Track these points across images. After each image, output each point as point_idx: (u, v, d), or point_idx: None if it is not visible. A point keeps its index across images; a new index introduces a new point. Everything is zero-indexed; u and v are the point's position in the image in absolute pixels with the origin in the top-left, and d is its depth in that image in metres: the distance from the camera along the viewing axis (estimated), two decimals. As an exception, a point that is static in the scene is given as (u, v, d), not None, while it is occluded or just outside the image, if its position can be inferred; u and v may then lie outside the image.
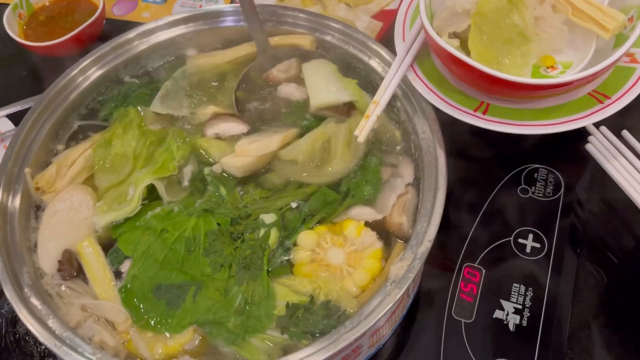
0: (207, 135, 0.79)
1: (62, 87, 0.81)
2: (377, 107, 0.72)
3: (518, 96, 0.69)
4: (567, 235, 0.81)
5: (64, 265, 0.70)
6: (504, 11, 0.67)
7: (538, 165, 0.88)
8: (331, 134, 0.74)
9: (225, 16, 0.86)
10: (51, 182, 0.75)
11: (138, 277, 0.68)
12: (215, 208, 0.73)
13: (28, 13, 1.10)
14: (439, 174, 0.67)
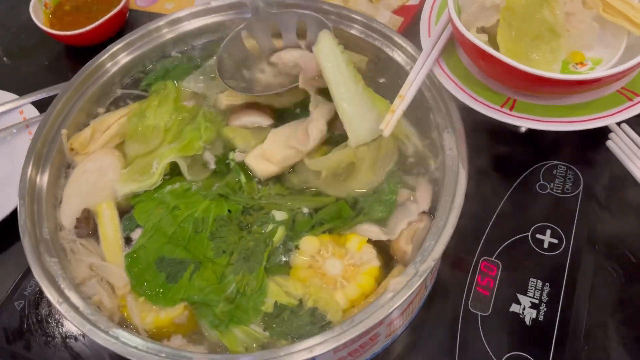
0: (232, 125, 0.80)
1: (107, 57, 0.84)
2: (403, 101, 0.71)
3: (546, 92, 0.68)
4: (586, 232, 0.81)
5: (81, 223, 0.73)
6: (534, 6, 0.66)
7: (557, 162, 0.88)
8: (360, 157, 0.73)
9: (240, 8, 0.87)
10: (85, 144, 0.79)
11: (145, 247, 0.71)
12: (231, 194, 0.74)
13: (54, 3, 1.12)
14: (457, 193, 0.66)
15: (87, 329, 0.60)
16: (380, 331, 0.67)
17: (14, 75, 1.12)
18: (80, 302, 0.63)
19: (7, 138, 0.97)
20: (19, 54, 1.17)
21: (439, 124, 0.73)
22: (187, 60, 0.88)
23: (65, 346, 0.77)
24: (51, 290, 0.63)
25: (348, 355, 0.66)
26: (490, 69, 0.68)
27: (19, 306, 0.81)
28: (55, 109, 0.78)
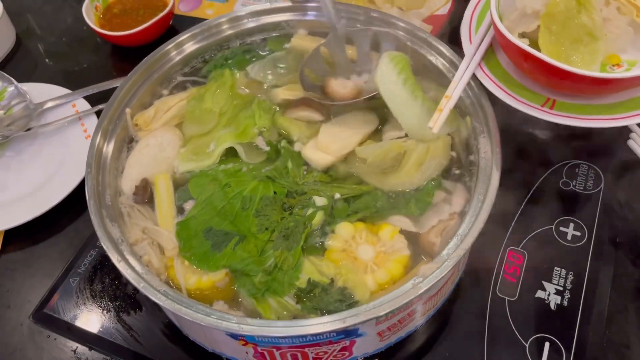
0: (287, 115, 0.87)
1: (173, 46, 0.92)
2: (450, 100, 0.77)
3: (587, 91, 0.72)
4: (607, 226, 0.87)
5: (139, 190, 0.80)
6: (573, 12, 0.71)
7: (579, 161, 0.93)
8: (407, 150, 0.78)
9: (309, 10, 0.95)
10: (148, 121, 0.87)
11: (196, 217, 0.77)
12: (277, 178, 0.80)
13: (103, 5, 1.19)
14: (489, 192, 0.70)
15: (142, 286, 0.66)
16: (417, 308, 0.72)
17: (63, 73, 1.20)
18: (137, 263, 0.70)
19: (60, 129, 1.04)
20: (66, 53, 1.24)
21: (476, 127, 0.78)
22: (244, 52, 0.94)
23: (118, 319, 0.83)
24: (111, 250, 0.70)
25: (387, 330, 0.71)
26: (533, 70, 0.73)
27: (73, 282, 0.87)
28: (122, 90, 0.86)
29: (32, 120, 1.04)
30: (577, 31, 0.72)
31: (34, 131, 1.03)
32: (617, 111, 0.71)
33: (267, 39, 0.96)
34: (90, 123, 1.03)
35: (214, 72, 0.93)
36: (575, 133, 0.96)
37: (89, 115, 1.04)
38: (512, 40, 0.68)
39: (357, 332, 0.68)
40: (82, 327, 0.83)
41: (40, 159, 1.01)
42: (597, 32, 0.71)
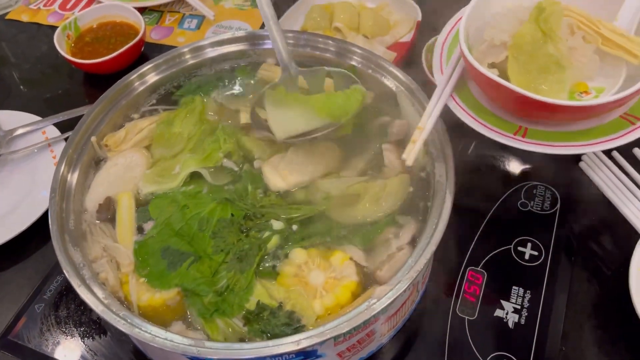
0: (251, 134, 0.90)
1: (136, 77, 0.95)
2: (423, 132, 0.78)
3: (556, 119, 0.74)
4: (563, 245, 0.89)
5: (103, 208, 0.83)
6: (539, 43, 0.73)
7: (537, 183, 0.96)
8: (368, 189, 0.81)
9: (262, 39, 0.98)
10: (118, 142, 0.90)
11: (154, 237, 0.79)
12: (236, 200, 0.82)
13: (75, 34, 1.22)
14: (442, 216, 0.72)
15: (100, 310, 0.68)
16: (376, 328, 0.73)
17: (36, 100, 1.22)
18: (97, 288, 0.71)
19: (29, 156, 1.06)
20: (39, 80, 1.26)
21: (432, 153, 0.81)
22: (216, 79, 0.98)
23: (84, 345, 0.84)
24: (72, 275, 0.71)
25: (347, 350, 0.72)
26: (503, 100, 0.74)
27: (39, 309, 0.87)
28: (87, 120, 0.88)
29: (2, 147, 1.05)
30: (544, 61, 0.74)
31: (3, 158, 1.05)
32: (588, 137, 0.73)
33: (236, 67, 0.99)
34: (59, 149, 1.05)
35: (185, 97, 0.96)
36: (532, 155, 1.00)
37: (59, 142, 1.06)
38: (481, 71, 0.70)
39: (316, 354, 0.69)
40: (47, 354, 0.84)
41: (9, 185, 1.02)
42: (564, 62, 0.73)
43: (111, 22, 1.24)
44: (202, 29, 1.29)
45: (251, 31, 0.98)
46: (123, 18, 1.24)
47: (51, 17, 1.34)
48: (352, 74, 0.89)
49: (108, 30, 1.24)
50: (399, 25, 1.21)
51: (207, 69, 0.98)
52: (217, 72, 0.99)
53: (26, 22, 1.35)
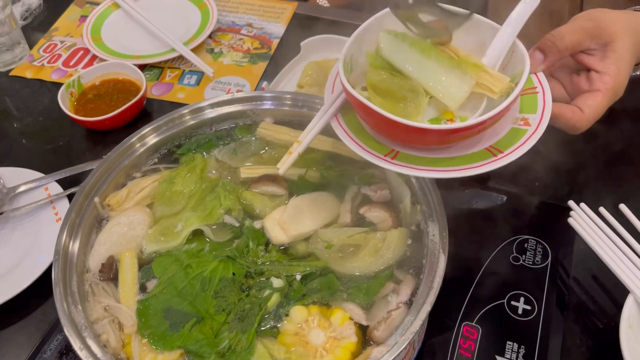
0: (251, 189, 0.93)
1: (137, 139, 0.98)
2: (300, 145, 0.83)
3: (417, 142, 0.77)
4: (555, 299, 0.91)
5: (105, 268, 0.84)
6: (388, 78, 0.78)
7: (528, 237, 0.99)
8: (368, 240, 0.84)
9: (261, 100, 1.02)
10: (120, 202, 0.92)
11: (157, 297, 0.81)
12: (238, 257, 0.84)
13: (78, 91, 1.26)
14: (436, 276, 0.75)
15: None
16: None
17: (38, 155, 1.24)
18: (99, 350, 0.72)
19: (32, 213, 1.07)
20: (41, 135, 1.29)
21: (425, 212, 0.84)
22: (216, 138, 1.01)
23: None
24: (74, 338, 0.73)
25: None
26: (370, 120, 0.78)
27: (39, 368, 0.88)
28: (89, 183, 0.90)
29: (5, 204, 1.07)
30: (399, 90, 0.78)
31: (5, 215, 1.06)
32: (451, 164, 0.76)
33: (236, 126, 1.03)
34: (61, 206, 1.07)
35: (185, 156, 0.99)
36: (523, 210, 1.03)
37: (61, 199, 1.08)
38: (349, 90, 0.74)
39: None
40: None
41: (11, 243, 1.03)
42: (417, 88, 0.78)
43: (113, 80, 1.29)
44: (201, 84, 1.33)
45: (249, 93, 1.02)
46: (125, 75, 1.28)
47: (54, 73, 1.38)
48: None
49: (110, 87, 1.28)
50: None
51: (207, 128, 1.02)
52: (217, 131, 1.02)
53: (30, 78, 1.39)
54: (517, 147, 0.75)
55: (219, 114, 1.01)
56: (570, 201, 0.94)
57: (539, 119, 0.77)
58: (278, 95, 1.01)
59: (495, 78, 0.77)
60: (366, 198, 0.91)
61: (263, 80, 1.31)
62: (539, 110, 0.79)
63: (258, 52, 1.40)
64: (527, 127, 0.77)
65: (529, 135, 0.76)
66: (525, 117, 0.79)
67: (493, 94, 0.76)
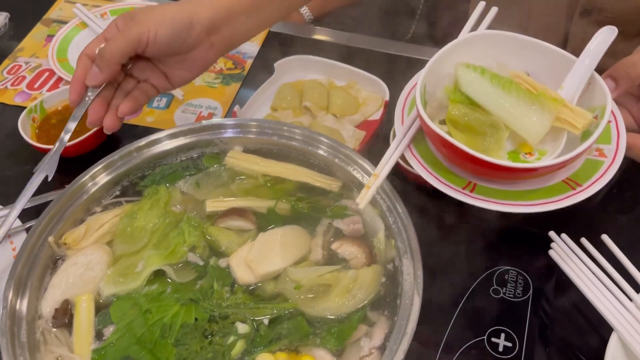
0: (217, 225, 0.88)
1: (88, 178, 0.93)
2: (378, 179, 0.81)
3: (496, 177, 0.77)
4: (537, 334, 0.87)
5: (59, 313, 0.78)
6: (469, 112, 0.78)
7: (508, 267, 0.95)
8: (340, 279, 0.80)
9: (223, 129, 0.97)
10: (78, 240, 0.86)
11: (114, 345, 0.76)
12: (201, 300, 0.79)
13: (41, 117, 1.20)
14: (410, 320, 0.72)
15: None
16: None
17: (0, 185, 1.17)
18: None
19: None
20: (3, 165, 1.22)
21: (400, 248, 0.80)
22: (182, 168, 0.96)
23: None
24: None
25: None
26: (450, 155, 0.78)
27: None
28: (41, 224, 0.85)
29: (-40, 239, 1.01)
30: (479, 126, 0.78)
31: (-41, 251, 1.00)
32: (531, 197, 0.76)
33: (203, 155, 0.98)
34: (19, 240, 1.01)
35: (149, 188, 0.94)
36: (503, 239, 0.99)
37: (19, 233, 1.02)
38: (430, 126, 0.73)
39: None
40: None
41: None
42: (497, 123, 0.78)
43: (78, 104, 1.23)
44: (171, 107, 1.28)
45: (210, 121, 0.97)
46: (90, 99, 1.23)
47: (18, 97, 1.33)
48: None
49: (75, 112, 1.22)
50: (367, 103, 1.22)
51: (172, 157, 0.97)
52: (183, 160, 0.97)
53: (-8, 101, 1.33)
54: (596, 179, 0.75)
55: (182, 144, 0.96)
56: (551, 232, 0.90)
57: (615, 150, 0.77)
58: (243, 122, 0.97)
59: (576, 113, 0.75)
60: (339, 232, 0.87)
61: (235, 103, 1.27)
62: (613, 140, 0.78)
63: (231, 72, 1.36)
64: (604, 159, 0.77)
65: (607, 167, 0.76)
66: (600, 147, 0.78)
67: (575, 130, 0.75)
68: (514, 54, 0.83)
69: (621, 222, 1.01)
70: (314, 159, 0.95)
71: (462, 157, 0.74)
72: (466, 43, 0.83)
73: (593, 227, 0.92)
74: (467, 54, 0.82)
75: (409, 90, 0.92)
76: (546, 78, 0.82)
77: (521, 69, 0.83)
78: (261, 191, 0.93)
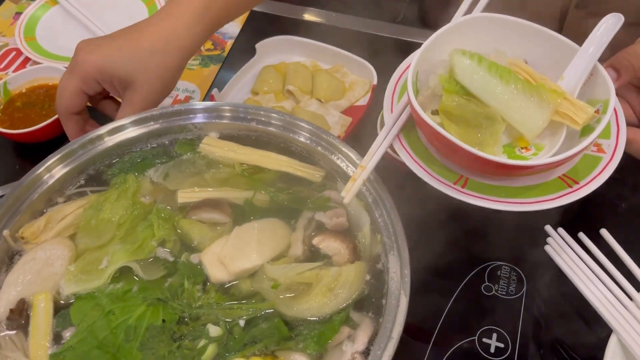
0: (189, 217, 0.81)
1: (44, 170, 0.84)
2: (364, 171, 0.77)
3: (489, 172, 0.73)
4: (531, 335, 0.82)
5: (14, 315, 0.72)
6: (464, 103, 0.72)
7: (501, 263, 0.90)
8: (321, 277, 0.73)
9: (193, 113, 0.90)
10: (37, 233, 0.79)
11: (74, 349, 0.69)
12: (170, 300, 0.73)
13: (5, 99, 1.12)
14: (396, 322, 0.66)
15: None
16: None
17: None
18: None
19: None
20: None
21: (386, 243, 0.74)
22: (153, 155, 0.89)
23: None
24: None
25: None
26: (442, 148, 0.73)
27: None
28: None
29: None
30: (474, 118, 0.73)
31: None
32: (526, 195, 0.72)
33: (176, 141, 0.91)
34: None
35: (116, 177, 0.86)
36: (496, 233, 0.94)
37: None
38: (422, 117, 0.68)
39: None
40: None
41: None
42: (493, 115, 0.73)
43: (44, 85, 1.15)
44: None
45: (177, 106, 0.90)
46: (56, 81, 1.15)
47: (-18, 78, 1.24)
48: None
49: (41, 94, 1.14)
50: (354, 87, 1.16)
51: (143, 144, 0.90)
52: (154, 147, 0.90)
53: (-45, 83, 1.24)
54: (594, 177, 0.71)
55: (152, 130, 0.89)
56: (547, 226, 0.85)
57: (614, 146, 0.73)
58: (215, 106, 0.89)
59: (577, 107, 0.70)
60: (321, 225, 0.81)
61: (214, 86, 1.19)
62: (612, 135, 0.74)
63: (210, 53, 1.28)
64: (602, 155, 0.73)
65: (605, 163, 0.72)
66: (598, 142, 0.74)
67: (576, 125, 0.70)
68: (512, 40, 0.77)
69: (621, 215, 0.96)
70: (295, 146, 0.89)
71: (455, 152, 0.68)
72: (462, 26, 0.77)
73: (591, 221, 0.87)
74: (463, 39, 0.75)
75: (399, 75, 0.85)
76: (545, 67, 0.76)
77: (519, 56, 0.77)
78: (238, 181, 0.86)
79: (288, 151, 0.89)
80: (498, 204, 0.72)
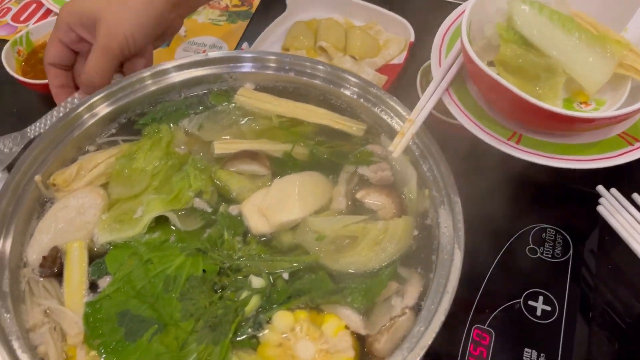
0: (227, 168, 0.78)
1: (85, 109, 0.81)
2: (413, 125, 0.74)
3: (547, 127, 0.70)
4: (578, 299, 0.80)
5: (47, 262, 0.69)
6: (522, 54, 0.69)
7: (546, 225, 0.87)
8: (368, 231, 0.70)
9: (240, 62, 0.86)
10: (68, 181, 0.76)
11: (110, 298, 0.67)
12: (210, 250, 0.70)
13: (27, 50, 1.08)
14: (451, 277, 0.63)
15: None
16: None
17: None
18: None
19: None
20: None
21: (435, 198, 0.71)
22: (187, 106, 0.85)
23: None
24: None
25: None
26: (499, 100, 0.70)
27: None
28: (28, 159, 0.74)
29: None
30: (533, 69, 0.70)
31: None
32: (583, 152, 0.69)
33: (210, 92, 0.87)
34: (1, 183, 0.90)
35: (149, 126, 0.83)
36: (541, 194, 0.90)
37: (1, 174, 0.92)
38: (480, 67, 0.65)
39: None
40: None
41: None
42: (554, 66, 0.69)
43: (68, 37, 1.11)
44: (172, 45, 1.16)
45: (225, 53, 0.86)
46: (82, 32, 1.11)
47: (2, 29, 1.20)
48: None
49: (65, 45, 1.10)
50: (389, 45, 1.11)
51: (176, 94, 0.86)
52: (188, 97, 0.87)
53: (-26, 34, 1.20)
54: None
55: (189, 78, 0.85)
56: (599, 186, 0.81)
57: None
58: (260, 56, 0.86)
59: None
60: (364, 180, 0.77)
61: (243, 42, 1.15)
62: None
63: (237, 9, 1.24)
64: None
65: None
66: None
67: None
68: None
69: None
70: (335, 99, 0.85)
71: (514, 104, 0.65)
72: None
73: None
74: None
75: (447, 27, 0.81)
76: (606, 20, 0.72)
77: (578, 8, 0.73)
78: (275, 133, 0.83)
79: (327, 104, 0.85)
80: (554, 161, 0.68)
